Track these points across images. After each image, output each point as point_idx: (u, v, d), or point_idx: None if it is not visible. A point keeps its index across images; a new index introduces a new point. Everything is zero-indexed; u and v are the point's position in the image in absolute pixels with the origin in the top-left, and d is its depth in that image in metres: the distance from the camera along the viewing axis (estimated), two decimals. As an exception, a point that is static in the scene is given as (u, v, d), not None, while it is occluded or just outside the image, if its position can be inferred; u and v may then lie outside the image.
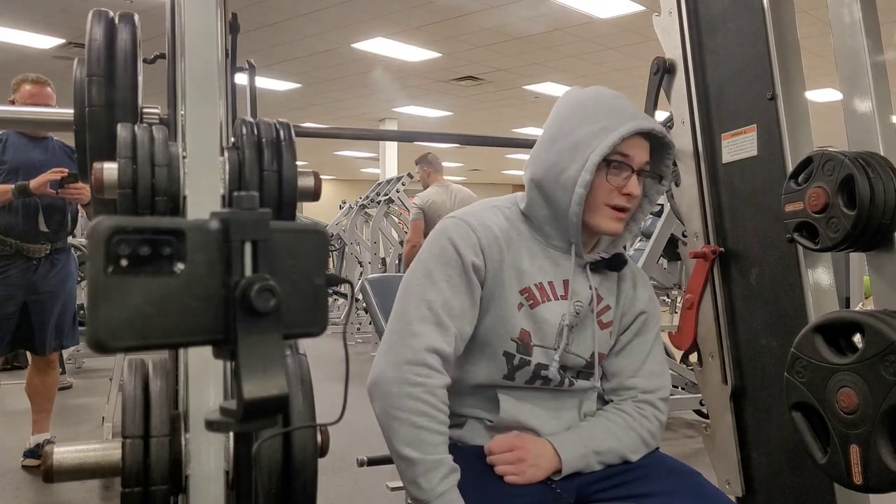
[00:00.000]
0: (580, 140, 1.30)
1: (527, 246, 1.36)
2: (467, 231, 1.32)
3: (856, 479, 1.29)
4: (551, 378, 1.34)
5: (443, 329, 1.26)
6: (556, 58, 8.71)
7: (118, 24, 1.53)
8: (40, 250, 3.24)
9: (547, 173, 1.33)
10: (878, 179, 1.37)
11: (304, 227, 0.68)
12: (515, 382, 1.34)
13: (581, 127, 1.31)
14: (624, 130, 1.28)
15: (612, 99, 1.35)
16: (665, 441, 3.82)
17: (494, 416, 1.35)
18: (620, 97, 1.37)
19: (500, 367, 1.33)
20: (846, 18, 1.47)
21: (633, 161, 1.31)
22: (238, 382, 0.61)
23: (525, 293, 1.32)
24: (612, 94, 1.37)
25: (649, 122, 1.33)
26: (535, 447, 1.30)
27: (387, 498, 2.05)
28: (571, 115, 1.35)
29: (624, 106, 1.34)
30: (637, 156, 1.32)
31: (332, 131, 2.27)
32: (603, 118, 1.30)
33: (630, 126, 1.29)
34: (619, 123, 1.29)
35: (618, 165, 1.30)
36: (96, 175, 1.28)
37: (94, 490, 3.05)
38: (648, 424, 1.40)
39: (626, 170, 1.31)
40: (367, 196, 7.94)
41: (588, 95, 1.38)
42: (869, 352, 1.27)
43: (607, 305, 1.41)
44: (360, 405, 1.19)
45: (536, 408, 1.36)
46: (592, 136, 1.29)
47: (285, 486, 1.03)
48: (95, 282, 0.56)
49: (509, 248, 1.34)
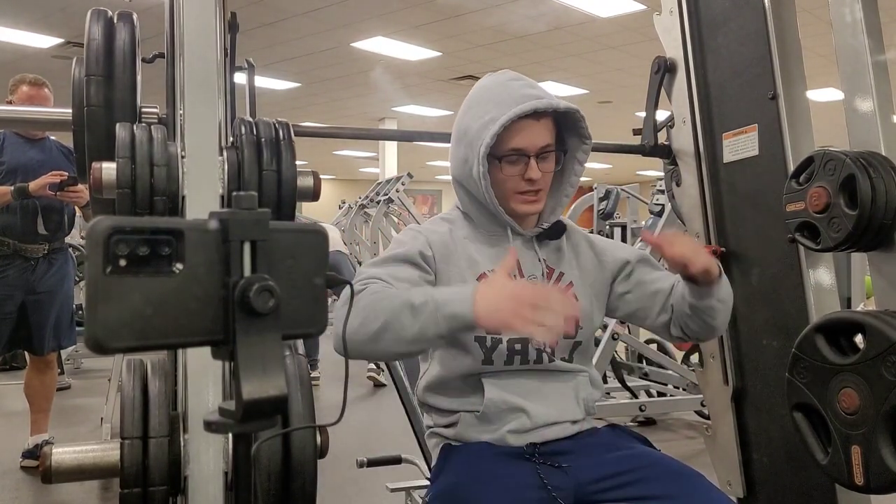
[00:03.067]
0: (473, 135, 1.33)
1: (473, 240, 1.40)
2: (416, 234, 1.39)
3: (857, 480, 1.29)
4: (528, 352, 1.34)
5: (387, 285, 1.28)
6: (557, 57, 8.71)
7: (117, 24, 1.53)
8: (38, 250, 3.24)
9: (461, 170, 1.38)
10: (879, 179, 1.37)
11: (304, 227, 0.68)
12: (495, 366, 1.35)
13: (473, 120, 1.33)
14: (503, 119, 1.27)
15: (502, 85, 1.35)
16: (666, 442, 3.81)
17: (482, 403, 1.35)
18: (516, 79, 1.35)
19: (477, 353, 1.35)
20: (847, 18, 1.46)
21: (526, 149, 1.32)
22: (237, 383, 0.61)
23: (481, 279, 1.34)
24: (508, 79, 1.36)
25: (532, 103, 1.29)
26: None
27: (387, 498, 2.04)
28: (468, 109, 1.37)
29: (512, 90, 1.32)
30: (529, 142, 1.32)
31: (332, 131, 2.27)
32: (491, 108, 1.31)
33: (509, 114, 1.28)
34: (503, 111, 1.28)
35: (512, 157, 1.32)
36: (95, 175, 1.28)
37: (92, 491, 3.04)
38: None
39: (522, 160, 1.32)
40: (367, 196, 7.94)
41: (482, 85, 1.39)
42: (870, 352, 1.27)
43: (561, 272, 1.42)
44: (361, 406, 1.19)
45: (524, 386, 1.36)
46: (482, 127, 1.30)
47: (284, 486, 1.03)
48: (94, 282, 0.56)
49: (456, 245, 1.38)
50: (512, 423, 1.35)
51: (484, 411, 1.35)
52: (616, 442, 1.41)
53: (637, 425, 4.04)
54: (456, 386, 1.38)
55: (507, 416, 1.35)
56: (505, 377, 1.36)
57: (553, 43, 8.18)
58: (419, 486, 1.79)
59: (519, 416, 1.35)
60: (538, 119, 1.32)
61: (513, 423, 1.34)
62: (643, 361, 4.22)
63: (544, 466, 1.33)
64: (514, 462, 1.33)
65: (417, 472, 1.85)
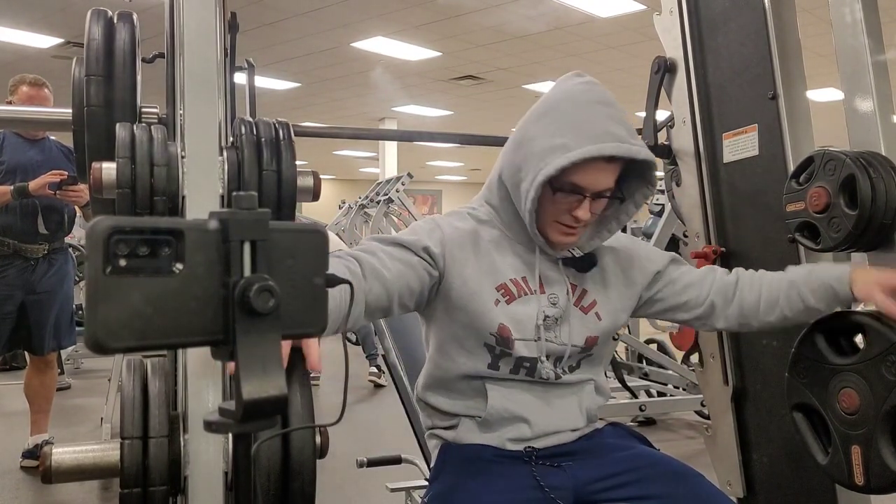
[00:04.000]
0: (536, 153, 1.23)
1: (498, 244, 1.34)
2: (433, 228, 1.32)
3: (857, 480, 1.29)
4: (537, 370, 1.33)
5: (352, 272, 1.19)
6: (557, 57, 8.71)
7: (117, 24, 1.53)
8: (38, 250, 3.24)
9: (510, 176, 1.30)
10: (879, 179, 1.37)
11: (304, 227, 0.68)
12: (500, 372, 1.33)
13: (542, 137, 1.23)
14: (574, 156, 1.18)
15: (589, 106, 1.25)
16: (666, 442, 3.81)
17: (484, 409, 1.34)
18: (604, 103, 1.25)
19: (483, 357, 1.32)
20: (847, 18, 1.46)
21: (586, 189, 1.23)
22: (237, 383, 0.61)
23: (501, 289, 1.31)
24: (594, 99, 1.26)
25: (612, 146, 1.20)
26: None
27: (387, 498, 2.04)
28: (542, 115, 1.28)
29: (596, 119, 1.22)
30: (591, 184, 1.23)
31: (332, 131, 2.27)
32: (567, 132, 1.21)
33: (585, 152, 1.18)
34: (577, 144, 1.19)
35: (566, 192, 1.24)
36: (95, 175, 1.28)
37: (92, 491, 3.04)
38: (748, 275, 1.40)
39: (577, 196, 1.24)
40: (367, 196, 7.94)
41: (567, 92, 1.29)
42: (871, 352, 1.27)
43: (584, 290, 1.36)
44: (360, 406, 1.19)
45: (527, 397, 1.34)
46: (549, 151, 1.21)
47: (284, 486, 1.03)
48: (94, 282, 0.56)
49: (479, 247, 1.32)
50: (512, 431, 1.34)
51: (486, 418, 1.34)
52: (617, 442, 1.40)
53: (637, 425, 4.04)
54: (457, 387, 1.37)
55: (507, 424, 1.34)
56: (509, 385, 1.34)
57: (553, 43, 8.18)
58: (419, 486, 1.79)
59: (520, 426, 1.34)
60: (609, 162, 1.23)
61: (513, 432, 1.34)
62: (643, 361, 4.21)
63: (542, 467, 1.32)
64: (513, 463, 1.33)
65: (417, 472, 1.85)
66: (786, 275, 1.38)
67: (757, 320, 1.38)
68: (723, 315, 1.39)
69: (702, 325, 1.46)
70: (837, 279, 1.30)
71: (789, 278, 1.36)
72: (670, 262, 1.43)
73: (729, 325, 1.41)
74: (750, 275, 1.41)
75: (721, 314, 1.39)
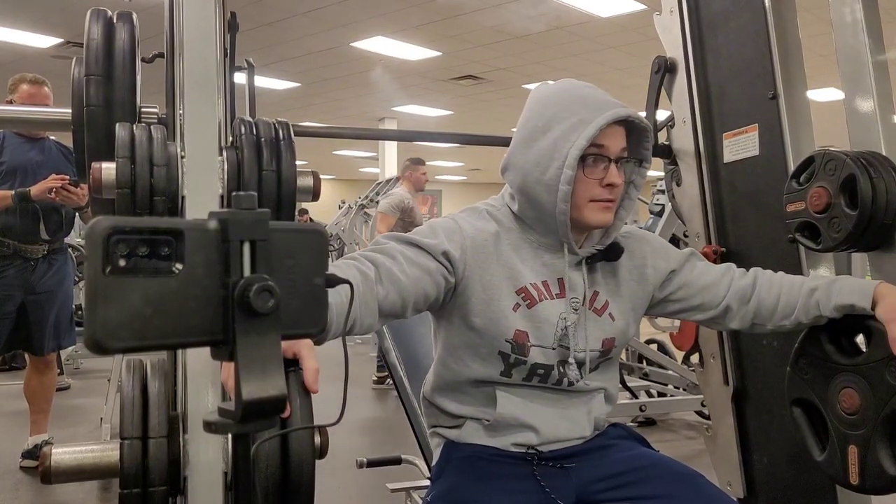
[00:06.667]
0: (558, 136, 1.27)
1: (519, 247, 1.33)
2: (453, 230, 1.30)
3: (852, 480, 1.29)
4: (551, 376, 1.32)
5: (365, 276, 1.18)
6: (557, 57, 8.70)
7: (117, 24, 1.53)
8: (38, 251, 3.24)
9: (528, 176, 1.30)
10: (879, 179, 1.37)
11: (304, 227, 0.67)
12: (513, 379, 1.32)
13: (557, 123, 1.27)
14: (601, 121, 1.24)
15: (584, 89, 1.31)
16: (666, 442, 3.81)
17: (493, 414, 1.34)
18: (591, 87, 1.32)
19: (497, 364, 1.31)
20: (848, 18, 1.46)
21: (610, 151, 1.28)
22: (237, 383, 0.61)
23: (521, 293, 1.30)
24: (583, 85, 1.33)
25: (624, 110, 1.27)
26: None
27: (387, 498, 2.04)
28: (544, 111, 1.31)
29: (596, 96, 1.30)
30: (613, 145, 1.28)
31: (332, 131, 2.27)
32: (578, 111, 1.26)
33: (607, 116, 1.25)
34: (595, 114, 1.25)
35: (595, 158, 1.27)
36: (94, 175, 1.28)
37: (92, 491, 3.04)
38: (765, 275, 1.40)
39: (603, 161, 1.27)
40: (367, 196, 7.94)
41: (559, 89, 1.34)
42: (875, 355, 1.26)
43: (595, 292, 1.36)
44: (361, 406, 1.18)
45: (537, 405, 1.34)
46: (570, 130, 1.25)
47: (283, 486, 1.02)
48: (93, 282, 0.55)
49: (499, 251, 1.31)
50: (518, 437, 1.34)
51: (493, 423, 1.34)
52: (618, 443, 1.40)
53: (637, 425, 4.04)
54: (466, 391, 1.36)
55: (514, 430, 1.34)
56: (519, 391, 1.34)
57: (553, 43, 8.18)
58: (419, 487, 1.79)
59: (527, 433, 1.34)
60: (620, 126, 1.29)
61: (519, 438, 1.34)
62: (643, 361, 4.21)
63: (544, 468, 1.32)
64: (515, 464, 1.33)
65: (417, 473, 1.85)
66: (808, 282, 1.36)
67: (772, 323, 1.38)
68: (738, 317, 1.39)
69: (715, 326, 1.47)
70: (862, 295, 1.27)
71: (810, 286, 1.34)
72: (686, 261, 1.42)
73: (743, 326, 1.41)
74: (769, 277, 1.40)
75: (736, 316, 1.39)
